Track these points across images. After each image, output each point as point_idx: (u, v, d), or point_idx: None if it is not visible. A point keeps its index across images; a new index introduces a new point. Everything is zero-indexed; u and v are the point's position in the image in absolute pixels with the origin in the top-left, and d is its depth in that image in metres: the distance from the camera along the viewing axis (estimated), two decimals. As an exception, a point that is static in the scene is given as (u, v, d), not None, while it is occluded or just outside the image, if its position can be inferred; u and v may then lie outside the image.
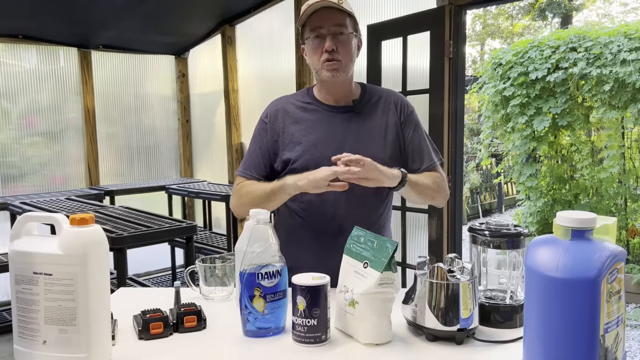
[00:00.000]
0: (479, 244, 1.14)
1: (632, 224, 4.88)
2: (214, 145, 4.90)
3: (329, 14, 1.42)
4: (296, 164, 1.47)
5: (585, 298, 0.77)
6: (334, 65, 1.43)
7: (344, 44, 1.44)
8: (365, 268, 1.08)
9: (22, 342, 0.95)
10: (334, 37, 1.43)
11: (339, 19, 1.43)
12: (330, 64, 1.43)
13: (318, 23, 1.43)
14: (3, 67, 4.16)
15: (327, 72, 1.44)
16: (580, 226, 0.81)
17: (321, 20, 1.42)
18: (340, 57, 1.44)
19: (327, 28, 1.42)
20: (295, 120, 1.52)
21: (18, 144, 4.28)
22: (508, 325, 1.11)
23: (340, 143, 1.47)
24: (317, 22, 1.43)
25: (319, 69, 1.46)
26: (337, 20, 1.43)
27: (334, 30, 1.43)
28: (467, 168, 8.83)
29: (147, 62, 4.99)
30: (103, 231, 0.97)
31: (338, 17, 1.43)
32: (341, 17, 1.43)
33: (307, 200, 1.48)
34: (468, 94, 7.18)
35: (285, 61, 3.85)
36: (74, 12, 3.77)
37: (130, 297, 1.45)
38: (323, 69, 1.45)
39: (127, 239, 2.52)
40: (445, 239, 2.77)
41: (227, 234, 3.82)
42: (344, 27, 1.44)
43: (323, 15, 1.42)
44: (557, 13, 13.30)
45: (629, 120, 4.69)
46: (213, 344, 1.09)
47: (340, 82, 1.48)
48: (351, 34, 1.45)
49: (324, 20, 1.42)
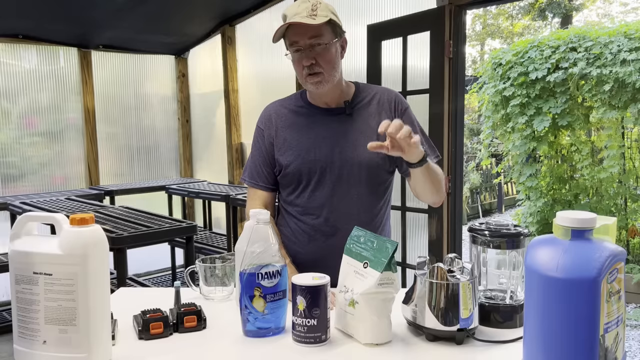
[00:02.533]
0: (479, 244, 1.14)
1: (632, 224, 4.88)
2: (214, 145, 4.90)
3: (302, 27, 1.38)
4: (289, 168, 1.49)
5: (585, 298, 0.77)
6: (315, 78, 1.42)
7: (322, 55, 1.41)
8: (365, 268, 1.08)
9: (22, 342, 0.95)
10: (311, 50, 1.40)
11: (313, 30, 1.39)
12: (311, 78, 1.42)
13: (294, 38, 1.40)
14: (3, 67, 4.16)
15: (310, 85, 1.44)
16: (580, 226, 0.81)
17: (295, 34, 1.40)
18: (321, 69, 1.41)
19: (303, 42, 1.40)
20: (288, 124, 1.52)
21: (18, 144, 4.28)
22: (508, 325, 1.12)
23: (334, 145, 1.47)
24: (292, 36, 1.41)
25: (304, 82, 1.46)
26: (312, 32, 1.39)
27: (310, 42, 1.39)
28: (467, 168, 8.83)
29: (147, 62, 4.99)
30: (103, 231, 0.97)
31: (312, 29, 1.38)
32: (315, 29, 1.38)
33: (302, 202, 1.49)
34: (468, 94, 7.17)
35: (285, 61, 3.80)
36: (74, 12, 3.77)
37: (130, 297, 1.45)
38: (307, 82, 1.44)
39: (127, 239, 2.52)
40: (445, 239, 2.77)
41: (227, 234, 3.82)
42: (320, 37, 1.40)
43: (297, 28, 1.39)
44: (557, 13, 13.30)
45: (629, 120, 4.69)
46: (213, 344, 1.09)
47: (327, 90, 1.47)
48: (328, 44, 1.41)
49: (298, 34, 1.39)
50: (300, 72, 1.44)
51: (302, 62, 1.42)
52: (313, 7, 1.38)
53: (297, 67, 1.45)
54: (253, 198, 1.56)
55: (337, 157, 1.46)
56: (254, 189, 1.56)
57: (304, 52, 1.40)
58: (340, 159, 1.46)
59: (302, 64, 1.42)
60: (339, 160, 1.46)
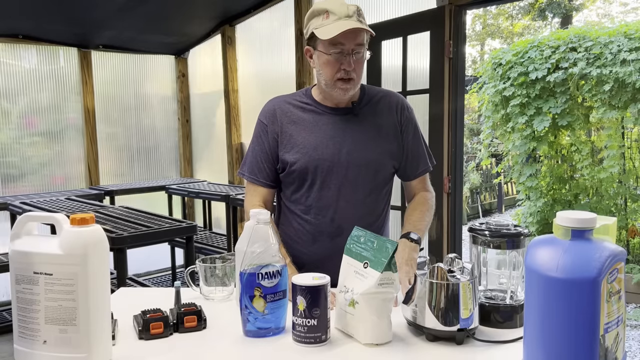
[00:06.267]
0: (479, 244, 1.14)
1: (632, 224, 4.88)
2: (214, 145, 4.90)
3: (354, 31, 1.37)
4: (295, 166, 1.47)
5: (585, 298, 0.77)
6: (348, 84, 1.42)
7: (360, 62, 1.42)
8: (365, 268, 1.08)
9: (23, 341, 0.95)
10: (354, 55, 1.39)
11: (361, 38, 1.39)
12: (344, 83, 1.41)
13: (342, 39, 1.37)
14: (3, 67, 4.16)
15: (340, 90, 1.42)
16: (580, 226, 0.81)
17: (346, 37, 1.37)
18: (355, 75, 1.42)
19: (349, 46, 1.38)
20: (293, 120, 1.51)
21: (18, 144, 4.28)
22: (508, 325, 1.12)
23: (339, 145, 1.46)
24: (341, 37, 1.37)
25: (331, 84, 1.43)
26: (360, 39, 1.39)
27: (355, 49, 1.39)
28: (467, 168, 8.83)
29: (147, 62, 4.99)
30: (103, 231, 0.97)
31: (361, 36, 1.39)
32: (363, 35, 1.40)
33: (307, 201, 1.49)
34: (468, 94, 7.18)
35: (285, 61, 3.85)
36: (74, 12, 3.77)
37: (130, 297, 1.45)
38: (336, 86, 1.42)
39: (127, 239, 2.52)
40: (445, 239, 2.77)
41: (227, 234, 3.82)
42: (363, 45, 1.41)
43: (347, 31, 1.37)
44: (557, 13, 13.30)
45: (629, 120, 4.69)
46: (213, 344, 1.09)
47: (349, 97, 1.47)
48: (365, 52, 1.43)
49: (347, 37, 1.37)
50: (332, 74, 1.41)
51: (339, 64, 1.39)
52: (359, 11, 1.39)
53: (331, 68, 1.41)
54: (252, 194, 1.54)
55: (344, 158, 1.46)
56: (254, 185, 1.54)
57: (348, 56, 1.39)
58: (347, 159, 1.46)
59: (338, 66, 1.40)
60: (345, 160, 1.46)
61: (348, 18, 1.36)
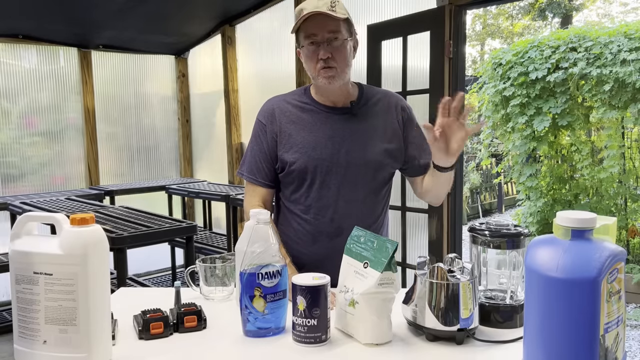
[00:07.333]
0: (479, 244, 1.14)
1: (632, 224, 4.88)
2: (214, 145, 4.90)
3: (323, 21, 1.38)
4: (294, 165, 1.47)
5: (585, 298, 0.77)
6: (329, 72, 1.41)
7: (339, 50, 1.41)
8: (365, 268, 1.08)
9: (23, 342, 0.95)
10: (329, 44, 1.40)
11: (333, 25, 1.40)
12: (325, 72, 1.41)
13: (312, 30, 1.40)
14: (3, 67, 4.16)
15: (323, 79, 1.43)
16: (580, 226, 0.81)
17: (315, 27, 1.39)
18: (335, 64, 1.41)
19: (322, 35, 1.40)
20: (292, 119, 1.51)
21: (18, 144, 4.28)
22: (508, 325, 1.11)
23: (338, 145, 1.46)
24: (311, 29, 1.40)
25: (315, 76, 1.45)
26: (331, 26, 1.40)
27: (328, 37, 1.40)
28: (467, 168, 8.82)
29: (147, 62, 4.99)
30: (103, 231, 0.97)
31: (332, 23, 1.39)
32: (335, 23, 1.40)
33: (306, 201, 1.49)
34: (468, 94, 7.18)
35: (285, 61, 3.85)
36: (74, 12, 3.77)
37: (130, 297, 1.45)
38: (319, 77, 1.43)
39: (127, 239, 2.52)
40: (445, 239, 2.77)
41: (227, 234, 3.82)
42: (339, 32, 1.41)
43: (317, 21, 1.39)
44: (557, 13, 13.30)
45: (629, 120, 4.69)
46: (213, 344, 1.09)
47: (337, 87, 1.47)
48: (346, 39, 1.42)
49: (318, 27, 1.39)
50: (314, 65, 1.43)
51: (317, 55, 1.41)
52: (332, 3, 1.39)
53: (311, 60, 1.43)
54: (252, 195, 1.54)
55: (343, 158, 1.46)
56: (253, 185, 1.54)
57: (322, 45, 1.40)
58: (347, 159, 1.46)
59: (316, 57, 1.41)
60: (344, 160, 1.46)
61: (316, 9, 1.37)
